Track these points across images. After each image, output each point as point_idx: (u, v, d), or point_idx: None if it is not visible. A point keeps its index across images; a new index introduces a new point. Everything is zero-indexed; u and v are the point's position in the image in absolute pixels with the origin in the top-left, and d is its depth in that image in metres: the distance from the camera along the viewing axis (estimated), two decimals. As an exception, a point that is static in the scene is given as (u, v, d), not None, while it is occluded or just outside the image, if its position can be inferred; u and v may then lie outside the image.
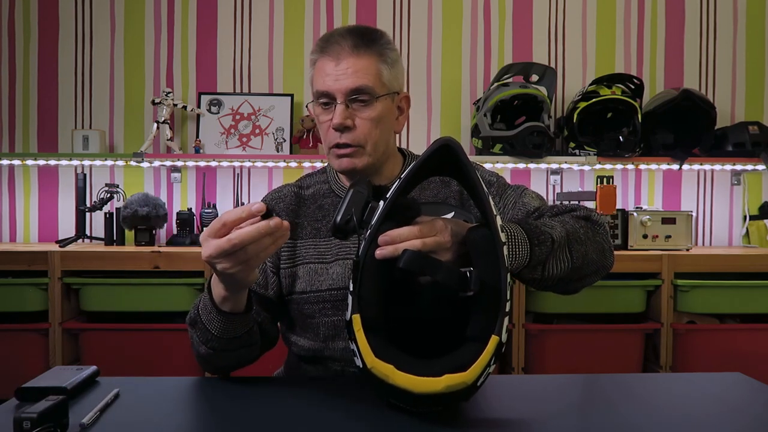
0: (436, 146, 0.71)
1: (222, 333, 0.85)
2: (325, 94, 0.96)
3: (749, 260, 2.12)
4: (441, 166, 0.74)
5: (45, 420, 0.59)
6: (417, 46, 2.61)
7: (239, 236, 0.68)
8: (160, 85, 2.56)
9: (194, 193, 2.57)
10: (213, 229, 0.70)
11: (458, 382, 0.62)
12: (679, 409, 0.73)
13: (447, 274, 0.66)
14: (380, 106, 0.97)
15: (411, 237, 0.69)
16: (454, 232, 0.72)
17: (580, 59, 2.63)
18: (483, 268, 0.67)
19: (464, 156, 0.71)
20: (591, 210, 0.94)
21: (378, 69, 0.96)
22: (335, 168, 1.02)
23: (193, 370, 2.02)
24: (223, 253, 0.69)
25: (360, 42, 0.96)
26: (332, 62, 0.95)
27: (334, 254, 1.00)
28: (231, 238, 0.68)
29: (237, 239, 0.68)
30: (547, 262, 0.79)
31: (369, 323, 0.67)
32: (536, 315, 2.12)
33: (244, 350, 0.90)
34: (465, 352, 0.65)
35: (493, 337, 0.65)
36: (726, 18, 2.64)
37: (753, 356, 2.05)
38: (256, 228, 0.68)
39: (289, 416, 0.71)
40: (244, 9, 2.58)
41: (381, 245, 0.69)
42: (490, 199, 0.71)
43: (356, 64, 0.95)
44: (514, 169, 2.58)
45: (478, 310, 0.67)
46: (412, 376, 0.62)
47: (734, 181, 2.64)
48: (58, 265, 2.00)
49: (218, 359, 0.90)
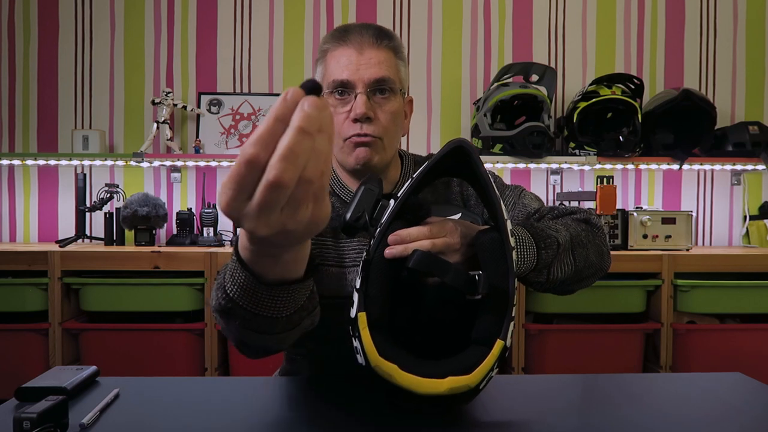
0: (449, 147, 0.70)
1: (279, 311, 0.63)
2: (344, 83, 0.93)
3: (749, 260, 2.12)
4: (453, 167, 0.74)
5: (45, 420, 0.59)
6: (417, 46, 2.61)
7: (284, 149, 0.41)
8: (160, 85, 2.56)
9: (194, 193, 2.57)
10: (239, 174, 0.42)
11: (461, 385, 0.62)
12: (679, 409, 0.73)
13: (456, 277, 0.65)
14: (398, 102, 0.97)
15: (421, 237, 0.69)
16: (464, 233, 0.71)
17: (580, 59, 2.63)
18: (491, 273, 0.67)
19: (477, 158, 0.70)
20: (590, 213, 0.95)
21: (396, 64, 0.96)
22: (348, 163, 0.95)
23: (193, 370, 2.02)
24: (265, 201, 0.42)
25: (381, 35, 0.95)
26: (354, 52, 0.93)
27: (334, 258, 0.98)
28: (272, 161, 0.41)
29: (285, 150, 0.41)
30: (552, 265, 0.80)
31: (374, 321, 0.67)
32: (536, 315, 2.12)
33: (308, 320, 0.70)
34: (469, 355, 0.65)
35: (498, 341, 0.65)
36: (726, 18, 2.64)
37: (753, 356, 2.04)
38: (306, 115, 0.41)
39: (289, 416, 0.71)
40: (244, 9, 2.58)
41: (391, 244, 0.68)
42: (502, 203, 0.71)
43: (378, 56, 0.93)
44: (514, 169, 2.58)
45: (484, 314, 0.67)
46: (416, 377, 0.62)
47: (734, 181, 2.64)
48: (58, 265, 2.00)
49: (275, 342, 0.70)
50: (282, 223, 0.44)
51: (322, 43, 0.98)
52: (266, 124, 0.41)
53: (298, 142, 0.40)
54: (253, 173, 0.41)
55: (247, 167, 0.41)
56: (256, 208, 0.42)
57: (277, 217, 0.44)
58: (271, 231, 0.44)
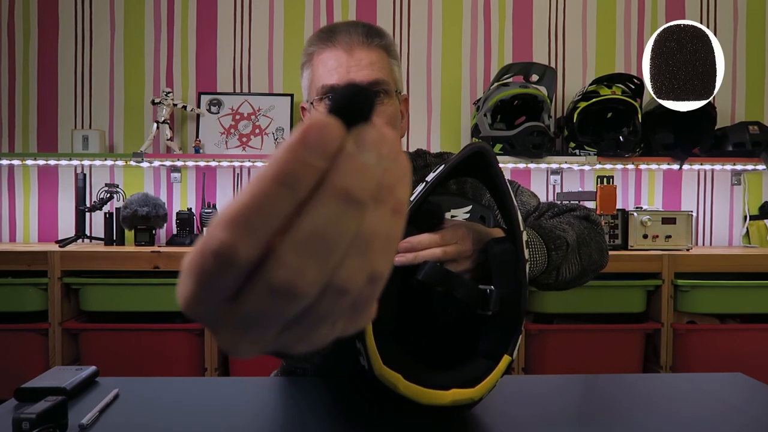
0: (468, 152, 0.67)
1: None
2: (334, 88, 0.88)
3: (749, 260, 2.11)
4: (470, 168, 0.71)
5: (44, 420, 0.59)
6: (417, 46, 2.61)
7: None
8: (160, 85, 2.56)
9: (194, 193, 2.57)
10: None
11: (465, 398, 0.62)
12: (679, 409, 0.73)
13: (467, 292, 0.64)
14: (394, 104, 0.92)
15: (432, 245, 0.67)
16: (476, 239, 0.70)
17: (580, 59, 2.63)
18: (504, 287, 0.66)
19: (496, 164, 0.67)
20: (589, 210, 0.95)
21: (389, 63, 0.92)
22: None
23: (193, 371, 2.02)
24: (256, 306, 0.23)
25: (371, 33, 0.90)
26: (343, 53, 0.88)
27: None
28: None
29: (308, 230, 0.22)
30: (561, 266, 0.79)
31: (380, 328, 0.65)
32: (536, 315, 2.12)
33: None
34: (475, 368, 0.64)
35: (506, 356, 0.64)
36: (726, 18, 2.64)
37: (753, 356, 2.04)
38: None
39: (289, 416, 0.71)
40: (244, 9, 2.58)
41: (401, 251, 0.67)
42: (519, 213, 0.69)
43: (369, 56, 0.88)
44: (514, 169, 2.58)
45: (493, 327, 0.66)
46: (420, 388, 0.61)
47: (734, 181, 2.64)
48: (58, 265, 2.00)
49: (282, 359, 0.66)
50: (282, 345, 0.25)
51: (307, 46, 0.92)
52: (256, 189, 0.20)
53: (332, 218, 0.21)
54: (229, 271, 0.21)
55: (217, 262, 0.21)
56: (238, 319, 0.22)
57: (276, 337, 0.24)
58: (259, 353, 0.25)
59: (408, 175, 0.23)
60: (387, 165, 0.22)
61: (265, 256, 0.21)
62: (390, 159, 0.22)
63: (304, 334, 0.24)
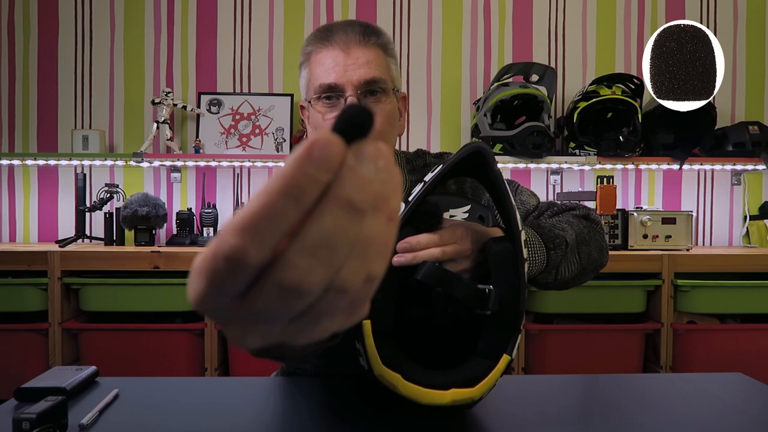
0: (466, 152, 0.67)
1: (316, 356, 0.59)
2: (332, 87, 0.88)
3: (749, 260, 2.11)
4: (468, 169, 0.71)
5: (44, 420, 0.59)
6: (417, 46, 2.61)
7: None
8: (159, 85, 2.56)
9: (194, 193, 2.57)
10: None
11: (465, 397, 0.62)
12: (679, 409, 0.73)
13: (466, 292, 0.64)
14: (392, 102, 0.92)
15: (431, 245, 0.67)
16: (475, 239, 0.70)
17: (580, 59, 2.63)
18: (503, 287, 0.66)
19: (495, 165, 0.67)
20: (589, 209, 0.94)
21: (387, 62, 0.92)
22: None
23: (193, 371, 2.02)
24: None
25: (368, 32, 0.90)
26: (340, 53, 0.88)
27: None
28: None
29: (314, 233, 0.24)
30: (560, 265, 0.79)
31: (379, 328, 0.65)
32: (536, 315, 2.12)
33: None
34: (474, 368, 0.64)
35: (505, 356, 0.65)
36: (726, 18, 2.64)
37: (753, 356, 2.04)
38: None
39: (289, 416, 0.71)
40: (244, 9, 2.58)
41: (399, 251, 0.66)
42: (518, 213, 0.69)
43: (367, 55, 0.88)
44: (514, 169, 2.58)
45: (493, 327, 0.66)
46: (419, 388, 0.62)
47: (734, 181, 2.64)
48: (58, 265, 2.00)
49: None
50: (287, 337, 0.27)
51: (305, 46, 0.93)
52: (265, 199, 0.23)
53: (336, 225, 0.23)
54: (239, 273, 0.23)
55: (228, 264, 0.23)
56: (247, 314, 0.25)
57: (281, 330, 0.27)
58: (265, 344, 0.28)
59: (400, 186, 0.25)
60: (383, 177, 0.24)
61: (273, 258, 0.23)
62: (386, 171, 0.24)
63: (305, 328, 0.27)
